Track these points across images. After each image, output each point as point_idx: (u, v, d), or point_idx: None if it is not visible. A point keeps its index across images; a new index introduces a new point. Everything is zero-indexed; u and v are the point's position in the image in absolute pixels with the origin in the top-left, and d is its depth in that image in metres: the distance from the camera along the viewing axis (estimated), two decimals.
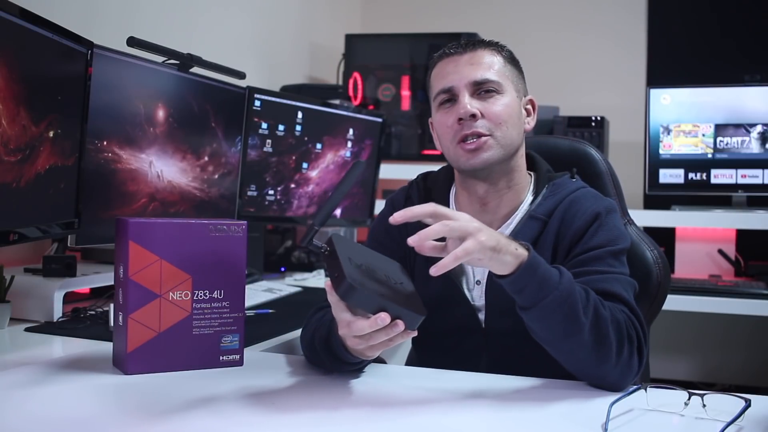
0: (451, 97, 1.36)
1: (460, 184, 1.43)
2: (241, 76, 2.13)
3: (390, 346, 1.12)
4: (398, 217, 1.10)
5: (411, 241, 1.09)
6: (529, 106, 1.43)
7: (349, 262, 1.08)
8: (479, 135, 1.33)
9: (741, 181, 2.87)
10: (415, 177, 1.53)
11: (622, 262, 1.32)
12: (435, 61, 1.41)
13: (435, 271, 1.06)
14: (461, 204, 1.43)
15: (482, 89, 1.34)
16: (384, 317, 1.05)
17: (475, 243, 1.08)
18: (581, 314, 1.14)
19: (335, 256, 1.07)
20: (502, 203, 1.40)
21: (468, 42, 1.40)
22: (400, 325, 1.06)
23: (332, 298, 1.09)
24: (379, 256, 1.23)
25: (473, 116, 1.32)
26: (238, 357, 1.29)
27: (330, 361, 1.23)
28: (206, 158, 1.99)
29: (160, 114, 1.82)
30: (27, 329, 1.53)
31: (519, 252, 1.13)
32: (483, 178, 1.37)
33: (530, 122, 1.42)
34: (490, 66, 1.36)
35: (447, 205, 1.45)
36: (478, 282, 1.39)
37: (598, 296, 1.20)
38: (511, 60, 1.41)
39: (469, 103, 1.33)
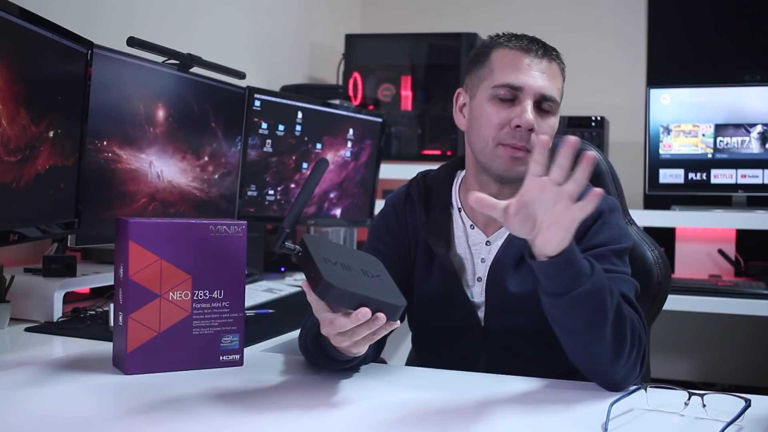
0: (514, 96, 1.32)
1: (474, 177, 1.40)
2: (241, 76, 2.13)
3: (374, 340, 1.11)
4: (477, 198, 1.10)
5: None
6: None
7: (324, 261, 1.07)
8: (525, 149, 1.31)
9: (741, 181, 2.87)
10: (414, 175, 1.53)
11: (624, 262, 1.32)
12: (503, 44, 1.35)
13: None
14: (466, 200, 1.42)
15: (544, 105, 1.32)
16: (365, 312, 1.04)
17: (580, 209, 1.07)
18: (608, 308, 1.14)
19: (309, 257, 1.07)
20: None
21: (543, 47, 1.35)
22: (382, 317, 1.06)
23: (311, 298, 1.09)
24: (354, 252, 1.23)
25: (531, 130, 1.30)
26: (238, 357, 1.29)
27: (323, 361, 1.23)
28: (206, 158, 1.99)
29: (160, 114, 1.82)
30: (27, 329, 1.53)
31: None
32: (504, 183, 1.36)
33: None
34: (557, 83, 1.34)
35: (449, 202, 1.44)
36: (479, 279, 1.39)
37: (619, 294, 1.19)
38: (565, 76, 1.39)
39: (532, 115, 1.30)
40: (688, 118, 2.93)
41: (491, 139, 1.33)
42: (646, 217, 2.77)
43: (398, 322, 1.09)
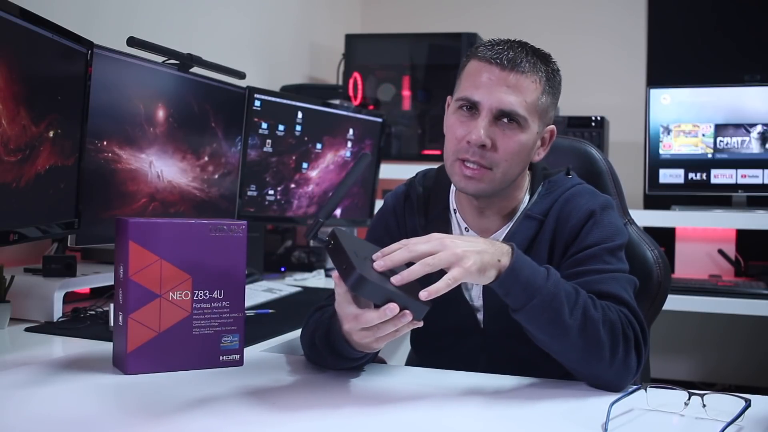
0: (472, 107, 1.29)
1: None
2: (241, 76, 2.13)
3: (396, 337, 1.12)
4: (379, 267, 1.09)
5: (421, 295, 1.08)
6: (547, 135, 1.37)
7: (355, 254, 1.08)
8: (480, 165, 1.29)
9: (741, 181, 2.87)
10: (414, 175, 1.52)
11: (619, 258, 1.31)
12: (476, 54, 1.31)
13: (426, 295, 1.07)
14: (462, 204, 1.42)
15: (504, 120, 1.28)
16: (393, 308, 1.06)
17: (462, 271, 1.09)
18: (567, 317, 1.15)
19: (341, 249, 1.08)
20: (500, 209, 1.39)
21: (516, 56, 1.28)
22: (408, 315, 1.07)
23: (340, 290, 1.10)
24: (379, 250, 1.23)
25: (483, 146, 1.28)
26: (238, 357, 1.29)
27: (331, 358, 1.23)
28: (206, 158, 1.99)
29: (160, 114, 1.82)
30: (27, 329, 1.53)
31: (502, 263, 1.14)
32: (475, 198, 1.36)
33: (540, 153, 1.37)
34: (525, 97, 1.27)
35: (447, 204, 1.44)
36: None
37: (589, 296, 1.20)
38: (551, 87, 1.33)
39: (484, 131, 1.27)
40: (688, 118, 2.93)
41: (451, 153, 1.33)
42: (646, 217, 2.77)
43: (421, 322, 1.10)
